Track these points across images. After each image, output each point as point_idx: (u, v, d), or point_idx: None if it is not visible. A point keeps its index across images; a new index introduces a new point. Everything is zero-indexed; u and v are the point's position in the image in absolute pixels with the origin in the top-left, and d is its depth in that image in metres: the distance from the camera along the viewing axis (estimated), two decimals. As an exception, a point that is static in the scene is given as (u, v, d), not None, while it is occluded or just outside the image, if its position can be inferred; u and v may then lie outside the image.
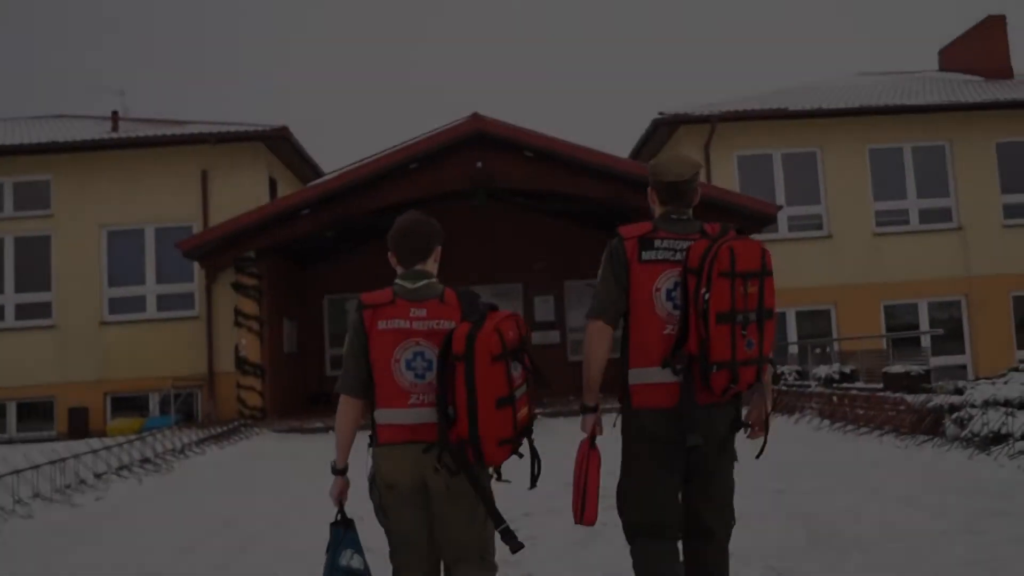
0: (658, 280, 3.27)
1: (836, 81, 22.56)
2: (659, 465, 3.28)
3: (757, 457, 3.44)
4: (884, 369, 10.77)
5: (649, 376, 3.26)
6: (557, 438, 4.42)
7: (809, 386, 12.87)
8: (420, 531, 3.21)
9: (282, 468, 10.61)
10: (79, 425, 17.18)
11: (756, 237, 16.51)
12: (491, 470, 3.19)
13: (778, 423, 12.12)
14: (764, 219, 16.76)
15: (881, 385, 10.74)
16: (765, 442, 3.42)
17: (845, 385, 12.01)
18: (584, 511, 3.31)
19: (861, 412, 10.53)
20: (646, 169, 3.53)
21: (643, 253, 3.27)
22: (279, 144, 18.87)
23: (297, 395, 19.27)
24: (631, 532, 3.38)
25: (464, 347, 2.98)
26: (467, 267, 18.49)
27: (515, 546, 3.10)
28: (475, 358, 2.95)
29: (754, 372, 3.23)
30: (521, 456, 3.13)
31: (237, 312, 16.71)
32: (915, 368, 10.26)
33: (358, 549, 3.28)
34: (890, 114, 18.94)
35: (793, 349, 17.45)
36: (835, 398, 11.40)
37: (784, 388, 13.56)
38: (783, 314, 18.47)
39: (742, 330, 3.13)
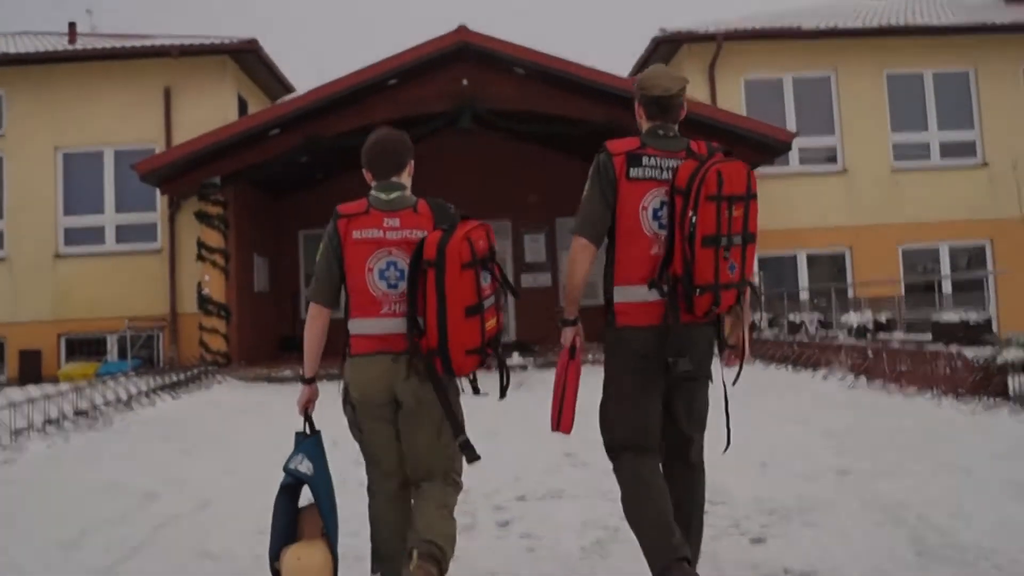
0: (645, 199, 3.24)
1: (849, 2, 20.79)
2: (641, 382, 3.25)
3: (734, 383, 3.32)
4: (933, 318, 9.30)
5: (634, 295, 3.23)
6: (549, 393, 3.35)
7: (836, 337, 11.43)
8: (391, 445, 3.24)
9: (239, 423, 9.22)
10: (31, 369, 15.59)
11: (765, 170, 15.18)
12: (464, 382, 3.25)
13: (802, 379, 10.77)
14: (777, 148, 15.24)
15: (929, 336, 9.29)
16: (741, 366, 3.39)
17: (882, 336, 10.59)
18: (561, 419, 3.30)
19: (904, 368, 9.13)
20: None
21: (631, 170, 3.24)
22: (248, 59, 17.03)
23: (267, 339, 17.69)
24: (615, 448, 3.33)
25: (435, 253, 3.00)
26: (449, 201, 16.84)
27: (472, 457, 3.15)
28: (446, 265, 2.98)
29: (735, 295, 3.22)
30: (490, 369, 3.16)
31: (200, 245, 15.15)
32: (973, 316, 8.81)
33: (312, 455, 3.28)
34: (910, 35, 17.28)
35: (805, 295, 16.06)
36: (871, 351, 9.98)
37: (805, 340, 12.16)
38: (793, 257, 17.11)
39: (725, 253, 3.09)
